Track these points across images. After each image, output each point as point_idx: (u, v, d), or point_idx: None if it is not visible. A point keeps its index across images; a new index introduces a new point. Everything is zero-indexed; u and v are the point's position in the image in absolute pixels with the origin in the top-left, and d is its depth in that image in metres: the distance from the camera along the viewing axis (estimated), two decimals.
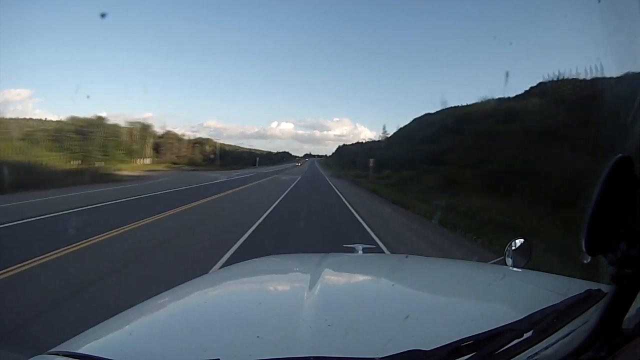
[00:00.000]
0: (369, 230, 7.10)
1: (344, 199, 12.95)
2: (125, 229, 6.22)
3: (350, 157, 48.55)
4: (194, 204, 9.98)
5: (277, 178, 25.96)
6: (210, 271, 3.58)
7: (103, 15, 27.14)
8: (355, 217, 8.93)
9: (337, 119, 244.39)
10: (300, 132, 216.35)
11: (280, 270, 1.33)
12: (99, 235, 5.57)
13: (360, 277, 1.25)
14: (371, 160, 23.89)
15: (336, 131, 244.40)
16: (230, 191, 14.72)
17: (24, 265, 4.04)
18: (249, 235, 6.15)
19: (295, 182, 21.71)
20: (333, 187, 19.26)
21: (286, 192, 14.91)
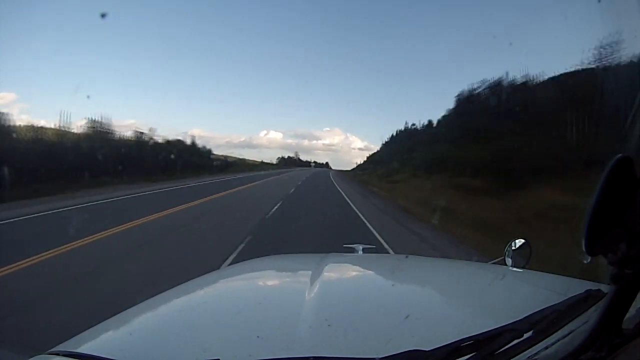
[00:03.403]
0: None
1: None
2: None
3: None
4: None
5: None
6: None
7: (103, 16, 26.93)
8: None
9: (328, 129, 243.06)
10: (289, 141, 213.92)
11: (280, 270, 1.33)
12: None
13: (360, 277, 1.25)
14: None
15: (326, 140, 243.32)
16: None
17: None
18: None
19: None
20: None
21: None
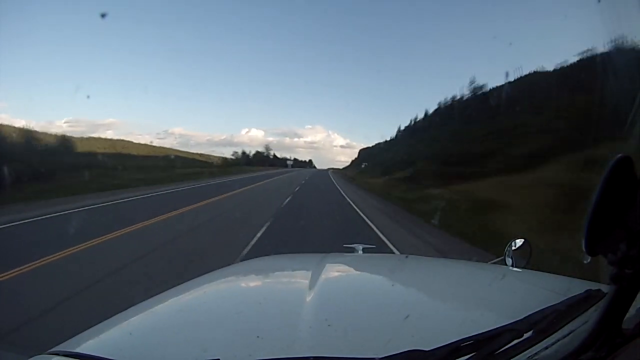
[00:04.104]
0: None
1: None
2: None
3: None
4: None
5: None
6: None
7: (103, 16, 26.90)
8: None
9: (310, 126, 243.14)
10: (270, 138, 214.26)
11: (280, 270, 1.33)
12: None
13: (360, 277, 1.25)
14: None
15: (308, 138, 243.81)
16: None
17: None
18: None
19: None
20: None
21: None
